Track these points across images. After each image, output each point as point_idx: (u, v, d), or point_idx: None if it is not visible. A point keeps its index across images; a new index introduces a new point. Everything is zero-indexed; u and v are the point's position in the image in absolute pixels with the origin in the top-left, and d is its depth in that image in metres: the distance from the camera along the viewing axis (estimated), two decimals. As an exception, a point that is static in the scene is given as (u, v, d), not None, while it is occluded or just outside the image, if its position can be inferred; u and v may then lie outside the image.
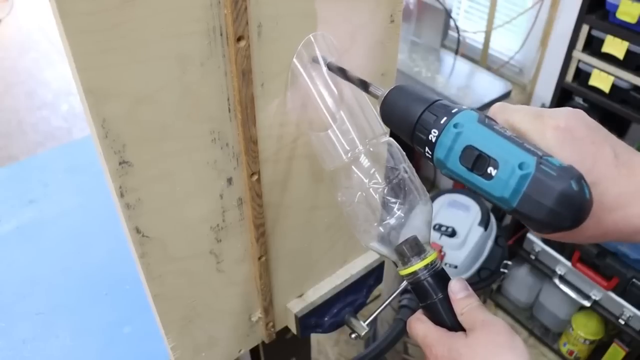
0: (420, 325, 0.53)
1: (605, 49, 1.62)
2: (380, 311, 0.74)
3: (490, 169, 0.40)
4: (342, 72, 0.55)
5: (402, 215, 0.55)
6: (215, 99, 0.52)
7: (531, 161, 0.38)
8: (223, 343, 0.75)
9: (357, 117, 0.57)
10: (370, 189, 0.55)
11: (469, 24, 2.41)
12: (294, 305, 0.80)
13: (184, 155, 0.53)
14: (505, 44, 2.31)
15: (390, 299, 0.72)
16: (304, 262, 0.78)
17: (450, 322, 0.52)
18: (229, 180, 0.59)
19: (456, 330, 0.51)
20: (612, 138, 0.43)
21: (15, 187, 1.30)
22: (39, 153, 2.46)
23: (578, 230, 0.39)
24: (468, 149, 0.42)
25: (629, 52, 1.57)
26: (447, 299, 0.52)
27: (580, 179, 0.38)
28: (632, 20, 1.51)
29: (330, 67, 0.56)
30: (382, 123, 0.57)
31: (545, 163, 0.38)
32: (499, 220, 2.27)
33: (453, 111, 0.44)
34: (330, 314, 0.84)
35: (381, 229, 0.56)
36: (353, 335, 0.82)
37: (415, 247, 0.54)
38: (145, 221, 0.54)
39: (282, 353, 0.95)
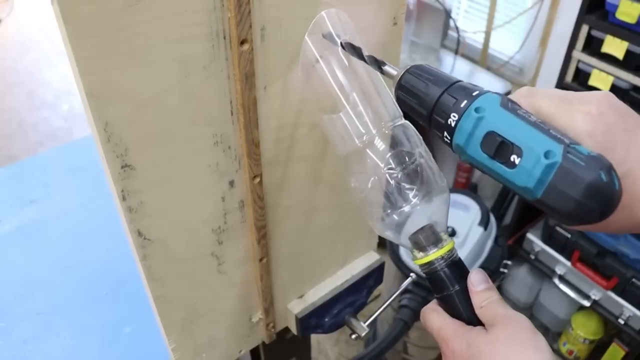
0: (436, 317, 0.50)
1: (605, 49, 1.62)
2: (381, 312, 0.74)
3: (513, 157, 0.38)
4: (356, 51, 0.52)
5: (418, 202, 0.52)
6: (218, 102, 0.52)
7: (558, 149, 0.36)
8: (223, 344, 0.75)
9: (372, 98, 0.54)
10: (385, 175, 0.52)
11: (469, 24, 2.41)
12: (295, 306, 0.80)
13: (186, 158, 0.53)
14: (505, 44, 2.31)
15: (391, 299, 0.73)
16: (305, 263, 0.79)
17: (467, 315, 0.49)
18: (231, 183, 0.59)
19: (473, 324, 0.48)
20: None
21: (16, 187, 1.30)
22: (39, 153, 2.46)
23: (607, 221, 0.37)
24: (490, 135, 0.40)
25: (628, 52, 1.57)
26: (464, 291, 0.49)
27: (610, 169, 0.36)
28: (631, 20, 1.51)
29: (344, 46, 0.53)
30: (397, 105, 0.54)
31: (573, 152, 0.36)
32: (499, 220, 2.27)
33: (474, 94, 0.42)
34: (330, 314, 0.84)
35: (395, 216, 0.52)
36: (353, 336, 0.82)
37: (432, 236, 0.51)
38: (147, 224, 0.54)
39: (283, 353, 0.95)
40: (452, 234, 1.91)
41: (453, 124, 0.42)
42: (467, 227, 1.95)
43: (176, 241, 0.58)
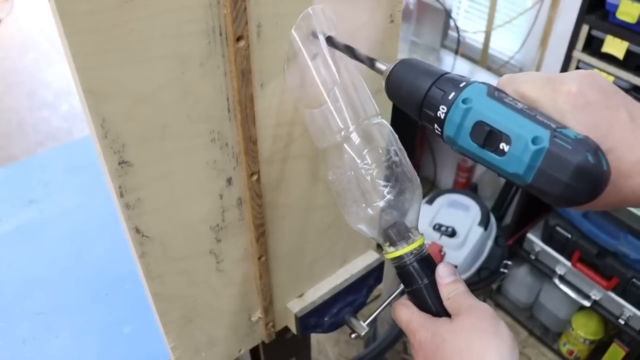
0: (405, 311, 0.52)
1: (605, 49, 1.61)
2: (380, 311, 0.74)
3: (502, 145, 0.39)
4: (342, 47, 0.54)
5: (391, 198, 0.54)
6: (215, 99, 0.52)
7: (545, 135, 0.37)
8: (223, 343, 0.75)
9: (351, 96, 0.56)
10: (361, 170, 0.54)
11: (469, 24, 2.41)
12: (294, 305, 0.80)
13: (183, 155, 0.53)
14: (505, 44, 2.31)
15: (390, 299, 0.72)
16: (304, 262, 0.78)
17: (435, 307, 0.51)
18: (229, 180, 0.59)
19: (441, 316, 0.50)
20: (629, 100, 0.41)
21: (15, 187, 1.30)
22: (39, 153, 2.46)
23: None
24: (478, 124, 0.40)
25: (628, 52, 1.57)
26: (432, 285, 0.52)
27: (596, 150, 0.36)
28: (632, 20, 1.51)
29: (329, 42, 0.54)
30: (375, 104, 0.56)
31: (560, 136, 0.37)
32: (499, 220, 2.27)
33: (461, 85, 0.42)
34: (330, 313, 0.84)
35: (369, 210, 0.55)
36: (353, 335, 0.82)
37: (403, 232, 0.53)
38: (145, 221, 0.54)
39: (282, 353, 0.95)
40: (452, 234, 1.91)
41: (442, 116, 0.43)
42: (467, 227, 1.95)
43: (174, 238, 0.58)
